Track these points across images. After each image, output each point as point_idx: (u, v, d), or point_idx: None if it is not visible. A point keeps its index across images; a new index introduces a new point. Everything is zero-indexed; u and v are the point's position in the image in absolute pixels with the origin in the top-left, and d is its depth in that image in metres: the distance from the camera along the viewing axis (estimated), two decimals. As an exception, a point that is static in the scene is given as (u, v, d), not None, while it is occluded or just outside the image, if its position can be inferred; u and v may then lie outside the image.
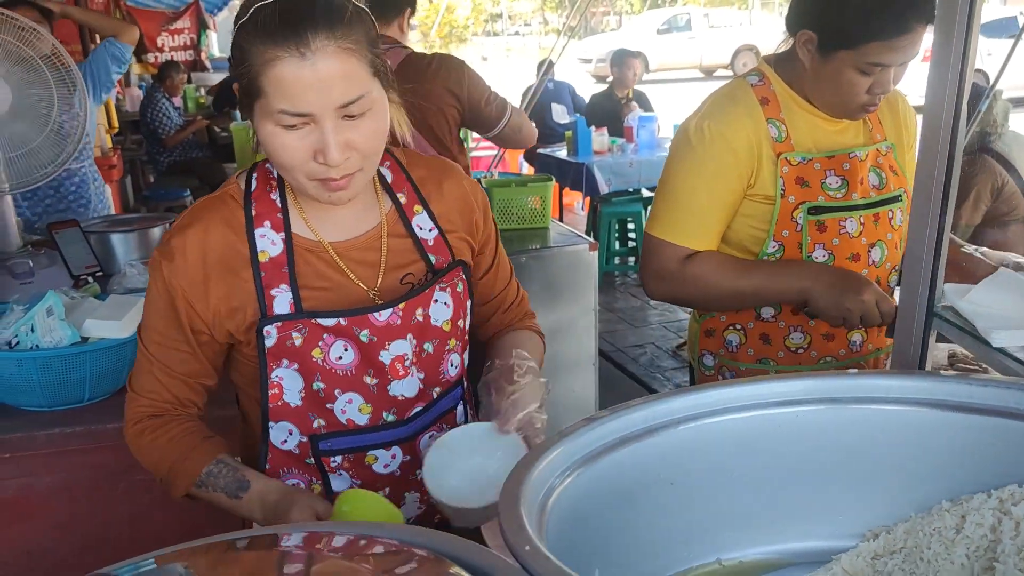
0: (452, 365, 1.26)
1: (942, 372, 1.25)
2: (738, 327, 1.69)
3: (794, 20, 1.57)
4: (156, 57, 9.60)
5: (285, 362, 1.15)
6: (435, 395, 1.25)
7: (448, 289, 1.23)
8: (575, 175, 5.77)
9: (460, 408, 1.31)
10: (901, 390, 1.12)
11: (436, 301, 1.21)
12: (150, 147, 6.91)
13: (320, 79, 1.03)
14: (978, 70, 3.59)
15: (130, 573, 0.74)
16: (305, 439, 1.20)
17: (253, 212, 1.17)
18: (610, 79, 6.95)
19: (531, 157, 7.04)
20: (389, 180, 1.25)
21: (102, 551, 1.88)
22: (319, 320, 1.14)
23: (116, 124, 6.93)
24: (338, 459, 1.21)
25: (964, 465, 1.10)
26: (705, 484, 1.11)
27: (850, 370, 1.18)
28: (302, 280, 1.16)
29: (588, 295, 3.17)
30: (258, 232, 1.16)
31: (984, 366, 1.81)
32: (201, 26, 9.84)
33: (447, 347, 1.24)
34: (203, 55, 10.08)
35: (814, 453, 1.14)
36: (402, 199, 1.24)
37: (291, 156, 1.07)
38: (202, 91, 8.31)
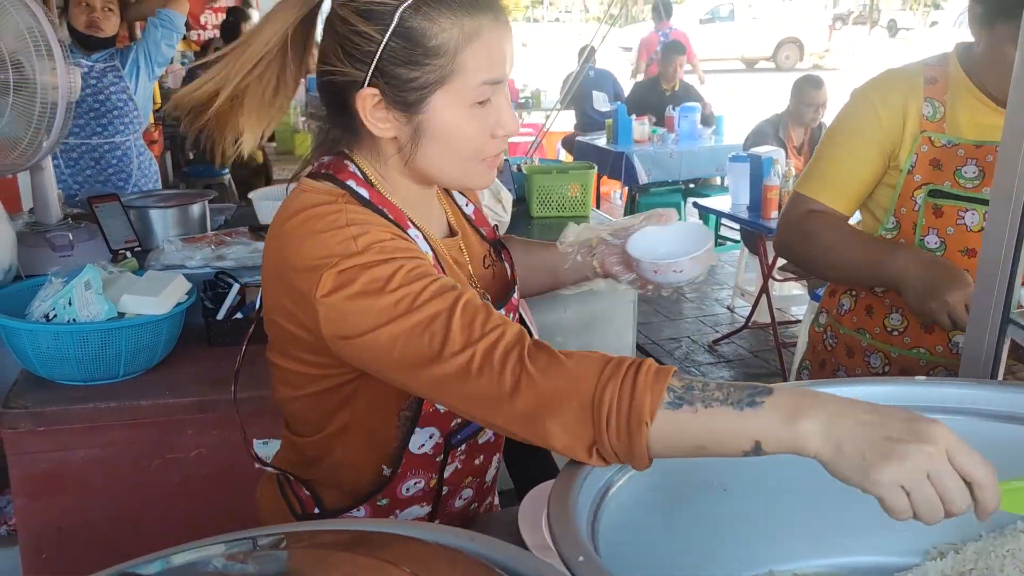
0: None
1: (1016, 383, 1.18)
2: (852, 292, 1.70)
3: None
4: (199, 35, 9.63)
5: None
6: None
7: (508, 256, 1.26)
8: (614, 164, 5.69)
9: None
10: (975, 400, 1.06)
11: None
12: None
13: (510, 38, 1.01)
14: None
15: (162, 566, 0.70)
16: (441, 440, 1.14)
17: (390, 216, 1.04)
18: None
19: (570, 144, 6.97)
20: None
21: (133, 529, 1.88)
22: None
23: (158, 100, 6.96)
24: (462, 447, 1.17)
25: (1041, 483, 1.03)
26: (761, 492, 1.06)
27: (918, 377, 1.11)
28: None
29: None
30: (411, 233, 1.05)
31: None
32: (244, 4, 9.85)
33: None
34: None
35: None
36: None
37: (477, 137, 1.01)
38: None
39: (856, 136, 1.59)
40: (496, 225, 1.31)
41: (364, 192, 1.04)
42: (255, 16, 10.60)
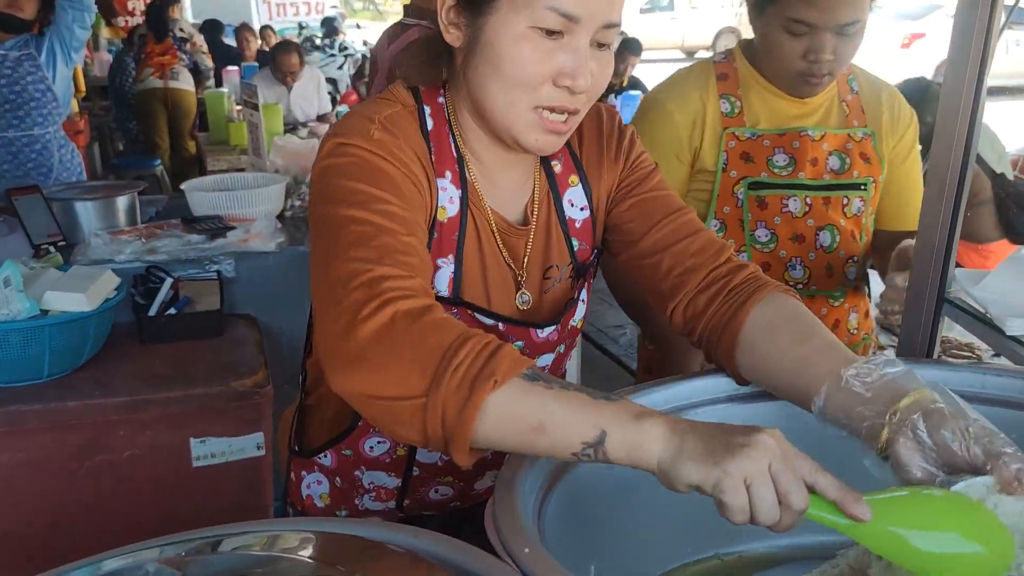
0: (570, 360, 1.18)
1: (953, 360, 1.20)
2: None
3: None
4: (127, 21, 9.35)
5: None
6: None
7: (587, 285, 1.13)
8: (556, 152, 5.71)
9: None
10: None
11: (582, 301, 1.12)
12: (119, 113, 6.71)
13: None
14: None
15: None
16: None
17: (433, 157, 0.99)
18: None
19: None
20: None
21: (63, 536, 1.81)
22: (477, 315, 1.01)
23: (83, 88, 6.73)
24: None
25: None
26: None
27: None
28: (465, 251, 1.01)
29: (571, 274, 3.11)
30: (439, 183, 0.99)
31: (978, 354, 1.77)
32: (174, -10, 9.58)
33: (573, 344, 1.16)
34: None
35: (818, 445, 1.09)
36: (556, 168, 1.08)
37: (529, 67, 0.91)
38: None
39: (656, 148, 1.53)
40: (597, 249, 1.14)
41: (431, 123, 1.01)
42: (186, 2, 10.35)
